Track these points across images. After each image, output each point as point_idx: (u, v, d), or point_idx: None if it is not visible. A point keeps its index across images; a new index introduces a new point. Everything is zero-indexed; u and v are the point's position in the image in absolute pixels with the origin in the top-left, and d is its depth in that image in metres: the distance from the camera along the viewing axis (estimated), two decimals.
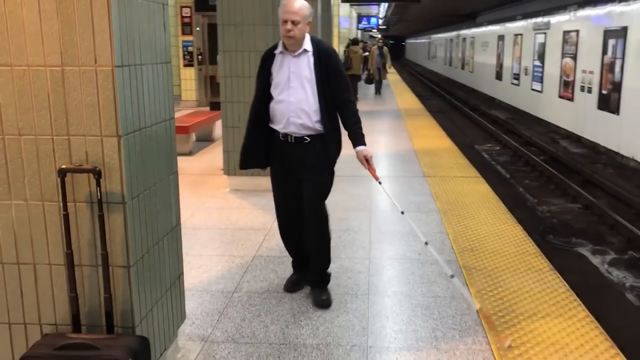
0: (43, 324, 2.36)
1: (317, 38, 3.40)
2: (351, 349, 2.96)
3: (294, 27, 3.18)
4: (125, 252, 2.26)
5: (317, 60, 3.28)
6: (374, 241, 4.57)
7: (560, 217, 8.37)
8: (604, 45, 12.15)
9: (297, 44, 3.26)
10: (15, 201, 2.26)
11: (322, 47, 3.35)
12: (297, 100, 3.27)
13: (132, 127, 2.26)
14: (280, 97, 3.30)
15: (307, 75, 3.28)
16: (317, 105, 3.28)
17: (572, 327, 3.15)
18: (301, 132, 3.31)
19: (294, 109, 3.28)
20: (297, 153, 3.35)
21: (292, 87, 3.28)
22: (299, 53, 3.29)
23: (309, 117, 3.29)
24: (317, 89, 3.27)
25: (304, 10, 3.24)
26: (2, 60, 2.15)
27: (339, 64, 3.39)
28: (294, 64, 3.29)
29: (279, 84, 3.31)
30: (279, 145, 3.39)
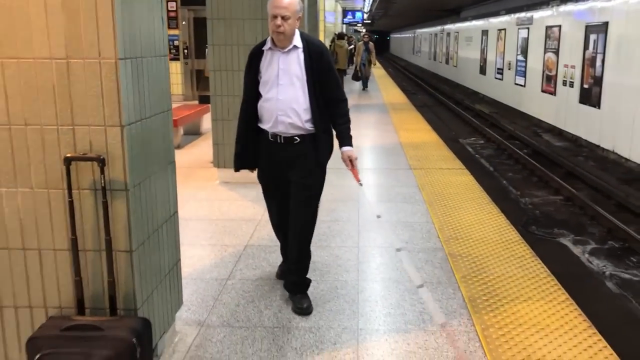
0: (48, 307, 2.45)
1: (307, 34, 3.29)
2: (342, 331, 3.08)
3: (284, 22, 3.05)
4: (127, 238, 2.36)
5: (307, 56, 3.15)
6: (362, 231, 4.70)
7: (542, 208, 8.57)
8: (586, 40, 12.38)
9: (287, 40, 3.12)
10: (21, 189, 2.35)
11: (312, 43, 3.22)
12: (286, 98, 3.14)
13: (134, 118, 2.36)
14: (269, 95, 3.18)
15: (297, 73, 3.15)
16: (307, 103, 3.15)
17: (553, 310, 3.30)
18: (290, 131, 3.18)
19: (283, 108, 3.14)
20: (286, 154, 3.23)
21: (281, 85, 3.15)
22: (289, 49, 3.16)
23: (298, 116, 3.16)
24: (307, 87, 3.15)
25: (294, 5, 3.10)
26: (9, 53, 2.23)
27: (330, 61, 3.28)
28: (283, 60, 3.16)
29: (267, 82, 3.18)
30: (267, 145, 3.27)
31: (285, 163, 3.25)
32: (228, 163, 6.03)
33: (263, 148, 3.29)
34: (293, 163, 3.23)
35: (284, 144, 3.22)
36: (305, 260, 3.40)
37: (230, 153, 5.95)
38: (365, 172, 6.98)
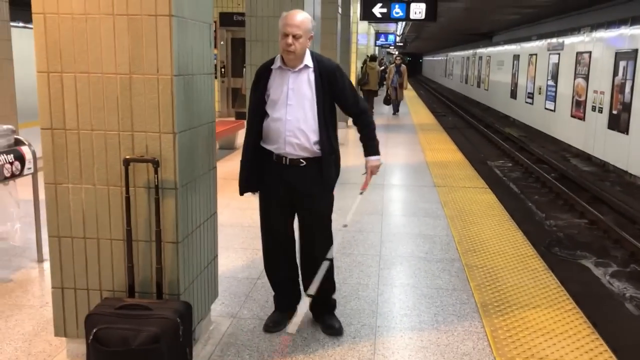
0: (103, 290, 2.80)
1: (317, 54, 3.18)
2: (361, 327, 3.37)
3: (295, 41, 2.95)
4: (175, 230, 2.70)
5: (318, 77, 3.05)
6: (385, 241, 4.98)
7: (566, 231, 8.71)
8: (615, 66, 12.50)
9: (298, 59, 3.02)
10: (85, 185, 2.72)
11: (324, 63, 3.11)
12: (294, 118, 3.03)
13: (184, 127, 2.71)
14: (277, 115, 3.06)
15: (307, 93, 3.05)
16: (316, 125, 3.05)
17: (559, 317, 3.53)
18: (297, 153, 3.06)
19: (291, 128, 3.03)
20: (291, 177, 3.11)
21: (290, 105, 3.04)
22: (299, 69, 3.05)
23: (306, 137, 3.05)
24: (317, 108, 3.04)
25: (306, 24, 3.00)
26: (82, 68, 2.62)
27: (343, 79, 3.14)
28: (293, 80, 3.05)
29: (275, 101, 3.06)
30: (271, 167, 3.14)
31: (289, 185, 3.13)
32: None
33: (267, 170, 3.16)
34: (297, 187, 3.12)
35: (289, 165, 3.10)
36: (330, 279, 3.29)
37: None
38: (391, 187, 7.27)
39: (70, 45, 2.60)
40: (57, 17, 2.58)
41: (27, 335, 3.21)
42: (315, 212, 3.19)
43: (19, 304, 3.62)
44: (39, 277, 4.11)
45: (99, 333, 2.56)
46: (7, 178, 3.97)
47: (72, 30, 2.59)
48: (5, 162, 3.92)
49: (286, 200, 3.18)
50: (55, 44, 2.60)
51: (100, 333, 2.56)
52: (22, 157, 4.10)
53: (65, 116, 2.66)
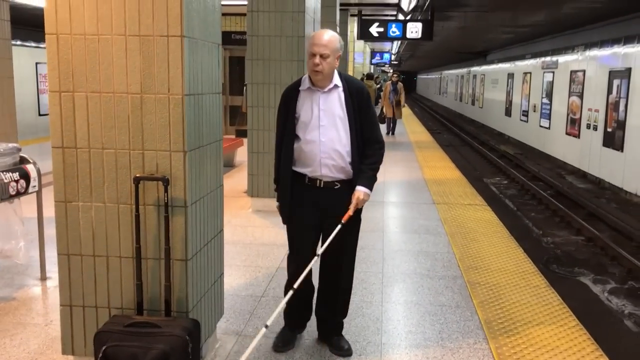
0: (111, 308, 2.81)
1: (346, 74, 3.17)
2: (367, 344, 3.38)
3: (323, 61, 2.92)
4: (184, 248, 2.72)
5: (348, 96, 3.02)
6: (387, 258, 5.00)
7: (563, 248, 8.75)
8: (609, 84, 12.66)
9: (326, 79, 3.00)
10: (95, 203, 2.74)
11: (352, 82, 3.10)
12: (329, 139, 3.00)
13: (195, 145, 2.75)
14: (309, 136, 3.01)
15: (339, 113, 3.01)
16: (349, 145, 3.03)
17: (563, 333, 3.55)
18: (333, 174, 3.04)
19: (326, 150, 3.00)
20: (325, 200, 3.07)
21: (323, 126, 3.00)
22: (330, 89, 3.03)
23: (342, 157, 3.03)
24: (349, 128, 3.02)
25: (334, 43, 2.97)
26: (94, 88, 2.65)
27: (370, 101, 3.14)
28: (323, 100, 3.02)
29: (306, 123, 3.02)
30: (302, 190, 3.09)
31: (322, 208, 3.09)
32: (262, 192, 6.44)
33: (297, 194, 3.10)
34: (330, 209, 3.07)
35: (322, 188, 3.07)
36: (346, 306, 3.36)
37: (264, 183, 6.43)
38: (391, 205, 7.31)
39: (83, 65, 2.64)
40: (70, 38, 2.62)
41: (33, 354, 3.20)
42: (345, 237, 3.09)
43: (23, 322, 3.61)
44: (43, 295, 4.11)
45: (108, 351, 2.57)
46: (12, 196, 3.99)
47: (85, 50, 2.63)
48: (11, 180, 3.94)
49: (317, 223, 3.13)
50: (67, 64, 2.64)
51: (109, 351, 2.57)
52: (27, 175, 4.12)
53: (76, 135, 2.69)
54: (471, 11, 13.03)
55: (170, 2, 2.56)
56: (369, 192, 3.07)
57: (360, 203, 3.05)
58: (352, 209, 3.02)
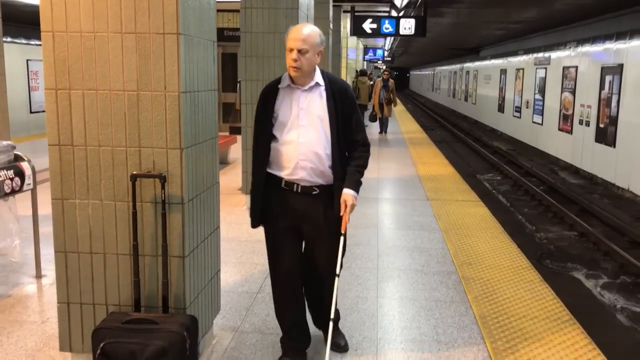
0: (109, 305, 2.82)
1: (329, 72, 2.97)
2: (363, 340, 3.40)
3: (301, 56, 2.74)
4: (181, 245, 2.73)
5: (330, 96, 2.83)
6: (382, 254, 5.03)
7: (556, 243, 8.81)
8: (602, 80, 12.73)
9: (306, 76, 2.81)
10: (92, 200, 2.74)
11: (335, 81, 2.91)
12: (308, 141, 2.80)
13: (191, 142, 2.76)
14: (287, 137, 2.82)
15: (320, 113, 2.82)
16: (330, 148, 2.83)
17: (557, 327, 3.59)
18: (312, 178, 2.84)
19: (305, 152, 2.80)
20: (302, 206, 2.87)
21: (303, 126, 2.81)
22: (310, 87, 2.84)
23: (321, 161, 2.82)
24: (330, 129, 2.82)
25: (314, 38, 2.78)
26: (90, 85, 2.66)
27: (354, 102, 2.96)
28: (304, 99, 2.83)
29: (284, 123, 2.83)
30: (278, 195, 2.89)
31: (300, 217, 2.90)
32: None
33: (273, 199, 2.91)
34: (309, 217, 2.89)
35: (300, 194, 2.86)
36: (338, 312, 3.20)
37: None
38: (385, 201, 7.33)
39: (79, 63, 2.64)
40: (66, 35, 2.62)
41: (30, 351, 3.21)
42: (325, 247, 2.91)
43: (19, 320, 3.61)
44: (38, 293, 4.11)
45: (106, 347, 2.58)
46: (7, 194, 3.98)
47: (81, 47, 2.63)
48: (6, 177, 3.93)
49: (295, 232, 2.93)
50: (63, 62, 2.64)
51: (108, 347, 2.58)
52: (22, 172, 4.12)
53: (73, 132, 2.69)
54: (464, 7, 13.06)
55: (167, 0, 2.56)
56: (356, 195, 2.87)
57: (350, 208, 2.84)
58: (347, 215, 2.83)
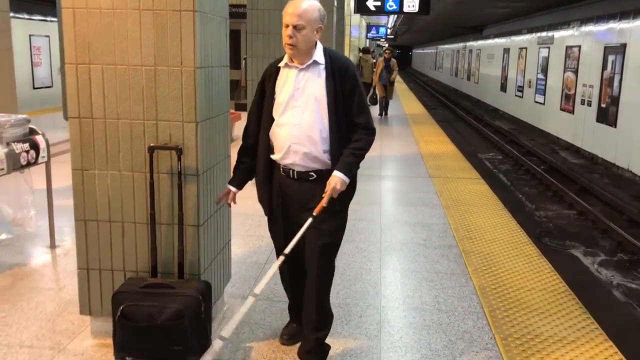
0: (127, 271, 2.96)
1: (331, 49, 2.79)
2: (367, 307, 3.56)
3: (297, 33, 2.57)
4: (196, 214, 2.87)
5: (330, 74, 2.65)
6: (385, 229, 5.17)
7: (556, 221, 8.96)
8: (604, 60, 12.76)
9: (303, 54, 2.64)
10: (111, 171, 2.87)
11: (337, 59, 2.72)
12: (302, 123, 2.64)
13: (205, 116, 2.87)
14: (282, 119, 2.68)
15: (317, 93, 2.64)
16: (327, 131, 2.64)
17: (553, 298, 3.74)
18: (306, 164, 2.67)
19: (298, 135, 2.64)
20: (299, 193, 2.72)
21: (297, 107, 2.65)
22: (308, 65, 2.66)
23: (315, 145, 2.65)
24: (328, 111, 2.63)
25: (311, 13, 2.60)
26: (109, 60, 2.76)
27: (356, 82, 2.73)
28: (301, 78, 2.67)
29: (281, 104, 2.68)
30: (278, 180, 2.77)
31: (297, 203, 2.74)
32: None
33: (274, 182, 2.80)
34: (307, 204, 2.71)
35: (296, 180, 2.71)
36: (325, 319, 2.90)
37: None
38: (388, 178, 7.47)
39: (98, 38, 2.75)
40: (86, 12, 2.72)
41: (50, 315, 3.36)
42: (322, 233, 2.71)
43: (37, 287, 3.77)
44: (53, 262, 4.26)
45: (126, 310, 2.72)
46: (23, 166, 4.11)
47: (100, 24, 2.73)
48: (22, 150, 4.06)
49: (295, 218, 2.77)
50: (83, 37, 2.75)
51: (127, 310, 2.72)
52: (37, 145, 4.24)
53: (92, 106, 2.81)
54: None
55: None
56: (347, 179, 2.64)
57: (335, 192, 2.62)
58: (326, 199, 2.62)
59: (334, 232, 2.78)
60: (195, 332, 2.73)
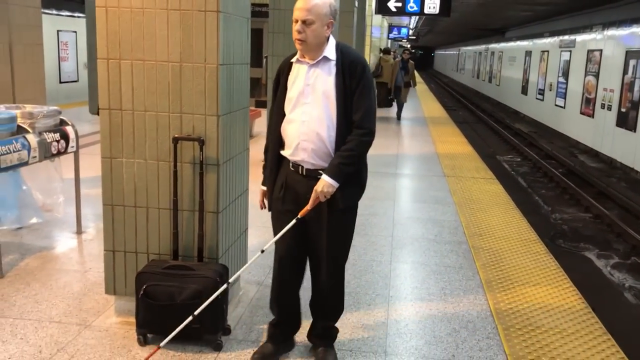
0: (150, 253, 3.16)
1: (344, 44, 2.75)
2: (376, 297, 3.72)
3: (306, 28, 2.54)
4: (216, 202, 3.06)
5: (340, 71, 2.62)
6: (397, 224, 5.33)
7: (571, 224, 9.01)
8: (625, 65, 12.73)
9: (313, 50, 2.61)
10: (137, 160, 3.07)
11: (349, 55, 2.67)
12: (311, 119, 2.62)
13: (226, 110, 3.06)
14: (292, 115, 2.67)
15: (327, 90, 2.61)
16: (335, 128, 2.62)
17: (557, 293, 3.87)
18: (315, 161, 2.64)
19: (306, 131, 2.62)
20: (306, 190, 2.65)
21: (307, 104, 2.64)
22: (318, 61, 2.64)
23: (323, 142, 2.62)
24: (337, 108, 2.61)
25: (321, 7, 2.56)
26: (138, 56, 2.96)
27: (364, 78, 2.65)
28: (311, 74, 2.64)
29: (292, 100, 2.67)
30: (286, 176, 2.73)
31: (303, 199, 2.67)
32: None
33: (282, 178, 2.76)
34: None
35: (305, 176, 2.67)
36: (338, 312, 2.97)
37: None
38: (403, 176, 7.61)
39: (128, 35, 2.95)
40: (118, 10, 2.93)
41: (77, 295, 3.58)
42: (327, 238, 2.71)
43: (65, 269, 3.99)
44: (79, 246, 4.49)
45: (149, 289, 2.93)
46: (54, 155, 4.34)
47: (131, 22, 2.93)
48: (53, 140, 4.29)
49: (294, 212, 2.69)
50: (115, 34, 2.95)
51: (150, 289, 2.93)
52: (67, 136, 4.47)
53: (121, 98, 3.01)
54: None
55: None
56: (334, 183, 2.58)
57: (321, 196, 2.59)
58: (311, 203, 2.61)
59: (341, 235, 2.77)
60: (212, 311, 2.92)
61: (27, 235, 4.56)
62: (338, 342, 3.08)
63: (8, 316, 3.27)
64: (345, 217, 2.76)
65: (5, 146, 3.77)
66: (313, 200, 2.61)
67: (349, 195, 2.69)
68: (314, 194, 2.59)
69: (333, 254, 2.77)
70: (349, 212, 2.77)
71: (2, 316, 3.26)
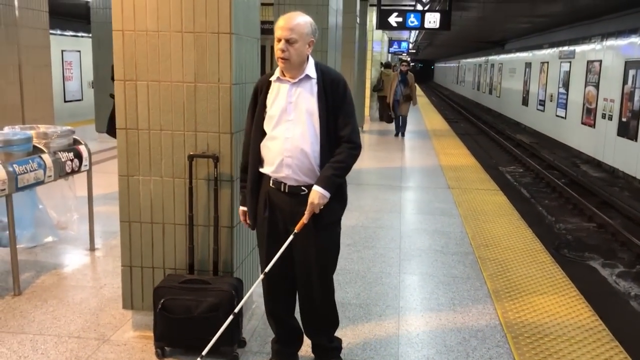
0: (166, 268, 3.25)
1: (324, 65, 2.83)
2: (386, 308, 3.79)
3: (289, 47, 2.61)
4: (230, 217, 3.14)
5: (322, 89, 2.68)
6: (404, 236, 5.40)
7: (575, 234, 9.07)
8: (625, 75, 12.85)
9: (295, 68, 2.67)
10: (153, 177, 3.17)
11: (329, 73, 2.75)
12: (295, 136, 2.67)
13: (239, 127, 3.16)
14: (274, 132, 2.70)
15: (310, 107, 2.67)
16: (318, 145, 2.67)
17: (564, 302, 3.93)
18: (298, 177, 2.69)
19: (290, 148, 2.67)
20: (290, 208, 2.72)
21: (290, 121, 2.68)
22: (300, 79, 2.69)
23: (308, 158, 2.68)
24: (320, 125, 2.67)
25: (303, 27, 2.65)
26: (154, 77, 3.07)
27: (346, 96, 2.73)
28: (293, 92, 2.70)
29: (273, 117, 2.70)
30: (267, 194, 2.77)
31: (288, 219, 2.74)
32: None
33: (262, 198, 2.79)
34: (295, 217, 2.70)
35: (287, 194, 2.72)
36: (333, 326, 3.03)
37: None
38: (408, 189, 7.69)
39: (144, 57, 3.06)
40: (134, 34, 3.04)
41: (94, 310, 3.66)
42: (313, 254, 2.77)
43: (80, 286, 4.07)
44: (93, 263, 4.57)
45: (166, 303, 3.01)
46: (68, 174, 4.44)
47: (146, 44, 3.04)
48: (67, 159, 4.39)
49: (284, 235, 2.75)
50: (131, 56, 3.06)
51: (167, 303, 3.00)
52: (80, 155, 4.57)
53: (138, 118, 3.11)
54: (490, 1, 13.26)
55: (221, 3, 2.96)
56: (326, 193, 2.64)
57: (316, 207, 2.65)
58: (307, 216, 2.65)
59: (327, 249, 2.82)
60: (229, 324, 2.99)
61: (41, 253, 4.65)
62: (351, 353, 3.16)
63: (28, 332, 3.34)
64: (332, 227, 2.83)
65: (23, 166, 3.87)
66: (309, 212, 2.66)
67: (333, 211, 2.76)
68: (309, 207, 2.64)
69: (322, 262, 2.83)
70: (335, 223, 2.86)
71: (22, 332, 3.34)
